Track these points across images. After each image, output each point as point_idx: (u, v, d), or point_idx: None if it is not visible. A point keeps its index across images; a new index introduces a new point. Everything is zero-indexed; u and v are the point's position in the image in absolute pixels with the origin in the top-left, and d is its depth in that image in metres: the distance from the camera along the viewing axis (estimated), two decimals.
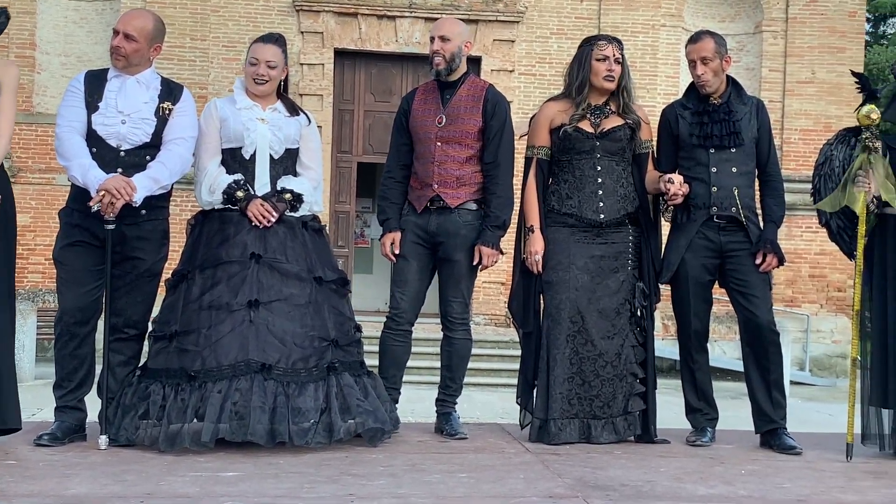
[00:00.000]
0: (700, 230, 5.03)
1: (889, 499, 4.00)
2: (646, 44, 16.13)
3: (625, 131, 4.99)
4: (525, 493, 3.82)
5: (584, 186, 4.99)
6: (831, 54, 16.02)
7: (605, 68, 4.94)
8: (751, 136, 5.06)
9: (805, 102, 16.25)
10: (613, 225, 4.99)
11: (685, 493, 3.92)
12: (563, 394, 4.90)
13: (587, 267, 4.97)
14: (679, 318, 5.20)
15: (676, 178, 4.89)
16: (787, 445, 4.94)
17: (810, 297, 16.62)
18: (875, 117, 4.80)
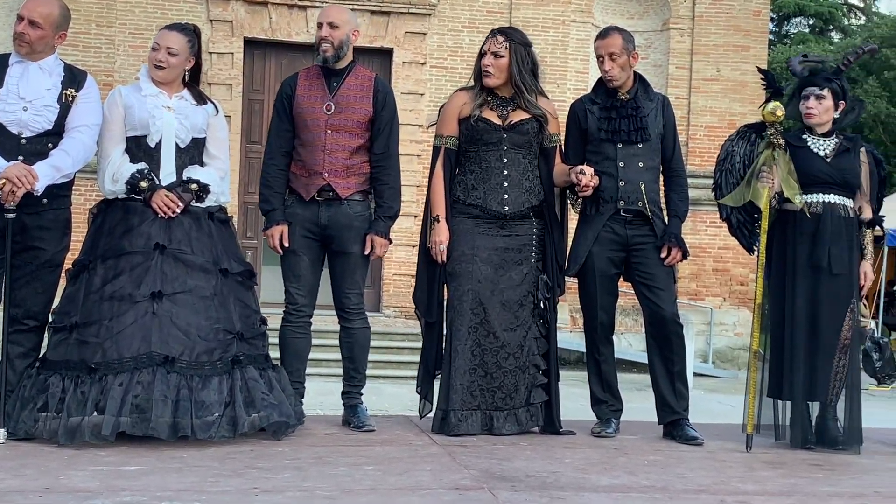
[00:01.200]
0: (607, 224, 5.09)
1: (787, 488, 4.10)
2: (556, 39, 16.23)
3: (532, 125, 5.02)
4: (431, 485, 3.83)
5: (489, 178, 5.01)
6: (736, 52, 16.30)
7: (482, 63, 4.96)
8: (657, 132, 5.14)
9: (710, 99, 16.52)
10: (518, 217, 5.01)
11: (589, 484, 3.97)
12: (464, 385, 4.91)
13: (491, 259, 4.99)
14: (585, 311, 5.25)
15: (588, 169, 4.94)
16: (688, 436, 5.03)
17: (714, 290, 16.93)
18: (780, 114, 4.91)
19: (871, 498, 3.98)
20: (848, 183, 4.99)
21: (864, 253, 5.07)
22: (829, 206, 4.97)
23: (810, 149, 5.04)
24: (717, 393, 13.41)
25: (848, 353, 4.96)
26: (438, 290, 5.05)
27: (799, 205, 4.94)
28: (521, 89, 5.00)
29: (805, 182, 4.96)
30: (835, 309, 4.93)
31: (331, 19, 5.00)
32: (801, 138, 5.09)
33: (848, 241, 4.97)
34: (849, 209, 5.01)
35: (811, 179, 4.97)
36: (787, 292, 4.97)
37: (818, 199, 4.98)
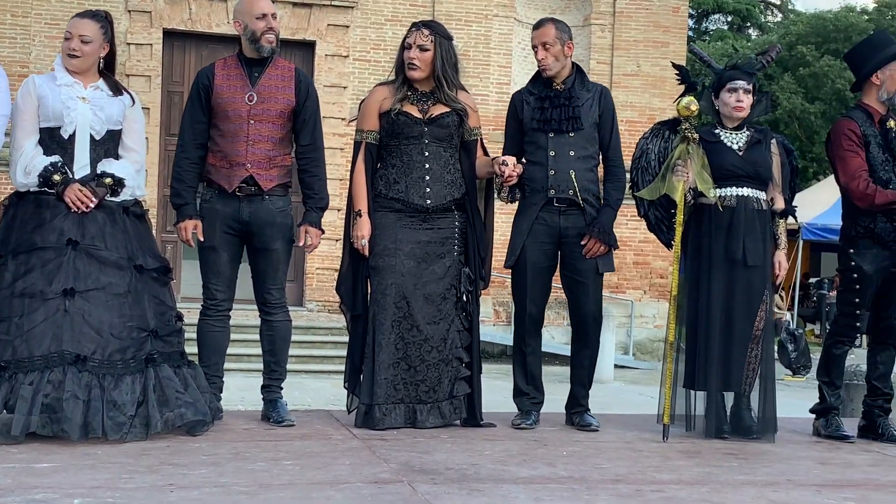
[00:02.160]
0: (540, 214, 5.13)
1: (702, 477, 4.16)
2: (479, 33, 16.28)
3: (453, 118, 5.03)
4: (350, 478, 3.82)
5: (411, 171, 5.00)
6: (656, 48, 16.51)
7: (408, 57, 4.96)
8: (591, 122, 5.18)
9: (631, 94, 16.71)
10: (440, 210, 5.02)
11: (508, 476, 3.99)
12: (387, 379, 4.90)
13: (413, 252, 4.99)
14: (516, 303, 5.29)
15: (510, 159, 4.97)
16: (586, 422, 5.18)
17: (634, 283, 17.16)
18: (694, 108, 4.99)
19: (783, 486, 4.05)
20: (760, 175, 5.08)
21: (778, 243, 5.17)
22: (742, 198, 5.05)
23: (723, 143, 5.12)
24: (637, 384, 13.59)
25: (761, 343, 5.05)
26: (363, 284, 5.03)
27: (712, 199, 5.01)
28: (442, 83, 5.01)
29: (719, 176, 5.04)
30: (749, 300, 5.02)
31: (273, 10, 4.99)
32: (714, 133, 5.17)
33: (762, 233, 5.06)
34: (762, 201, 5.10)
35: (724, 173, 5.05)
36: (702, 284, 5.05)
37: (732, 192, 5.06)
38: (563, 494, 3.70)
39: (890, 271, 5.17)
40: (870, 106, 5.24)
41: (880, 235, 5.11)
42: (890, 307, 5.26)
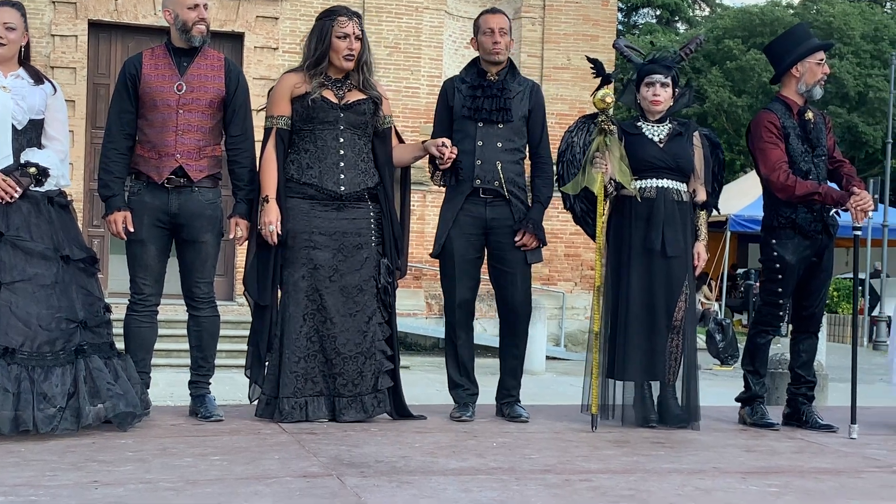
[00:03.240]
0: (466, 205, 5.14)
1: (629, 466, 4.21)
2: (410, 26, 16.24)
3: (368, 105, 5.01)
4: (279, 473, 3.79)
5: (325, 157, 4.96)
6: (585, 42, 16.59)
7: (345, 46, 4.92)
8: (520, 115, 5.21)
9: (561, 88, 16.80)
10: (354, 199, 4.97)
11: (437, 468, 3.99)
12: (298, 373, 4.86)
13: (329, 243, 4.93)
14: (445, 293, 5.29)
15: (448, 141, 4.98)
16: (516, 414, 5.21)
17: (566, 275, 17.28)
18: (609, 101, 5.04)
19: (709, 473, 4.11)
20: (680, 167, 5.14)
21: (699, 234, 5.23)
22: (662, 190, 5.11)
23: (645, 135, 5.18)
24: (568, 375, 13.65)
25: (682, 332, 5.12)
26: (273, 273, 4.95)
27: (632, 190, 5.06)
28: (364, 70, 4.99)
29: (639, 167, 5.10)
30: (669, 290, 5.08)
31: (206, 0, 4.91)
32: (636, 126, 5.23)
33: (682, 224, 5.12)
34: (682, 193, 5.16)
35: (645, 165, 5.11)
36: (622, 275, 5.11)
37: (652, 183, 5.12)
38: (492, 485, 3.71)
39: (811, 261, 5.28)
40: (789, 98, 5.32)
41: (801, 226, 5.21)
42: (811, 296, 5.36)
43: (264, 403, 4.93)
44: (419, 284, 15.99)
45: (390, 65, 15.80)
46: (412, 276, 15.72)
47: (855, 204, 5.07)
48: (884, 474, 4.22)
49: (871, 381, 12.66)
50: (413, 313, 15.96)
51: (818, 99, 5.41)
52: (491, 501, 3.46)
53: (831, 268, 5.41)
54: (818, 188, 5.13)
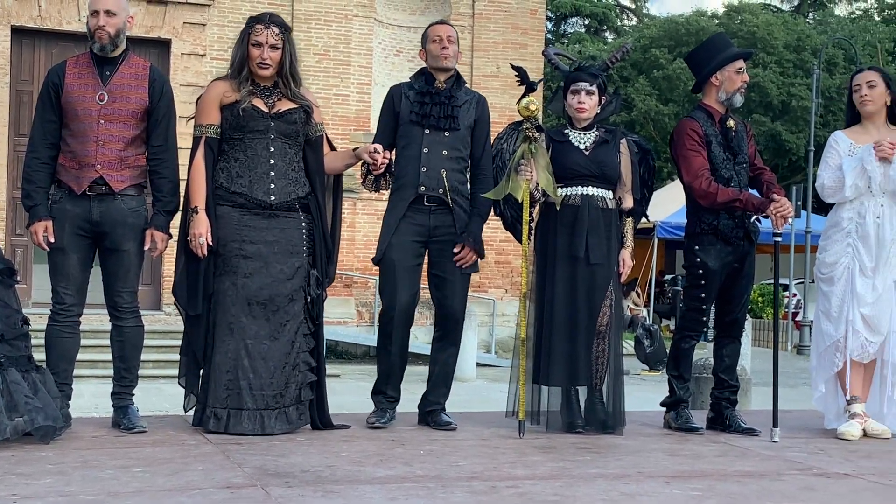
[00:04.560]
0: (409, 213, 5.13)
1: (556, 471, 4.23)
2: (339, 33, 16.20)
3: (299, 114, 4.98)
4: (202, 484, 3.74)
5: (255, 166, 4.92)
6: (514, 50, 16.71)
7: (258, 55, 4.89)
8: (466, 125, 5.22)
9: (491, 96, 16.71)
10: (284, 208, 4.95)
11: (364, 476, 3.97)
12: (226, 384, 4.82)
13: (260, 253, 4.89)
14: (383, 300, 5.27)
15: (379, 146, 4.96)
16: (443, 422, 5.20)
17: (496, 282, 17.34)
18: (533, 108, 5.07)
19: (634, 478, 4.14)
20: (605, 175, 5.18)
21: (624, 241, 5.28)
22: (586, 197, 5.15)
23: (571, 142, 5.22)
24: (499, 382, 13.70)
25: (607, 338, 5.16)
26: (203, 283, 4.90)
27: (555, 197, 5.10)
28: (289, 81, 4.96)
29: (564, 175, 5.13)
30: (592, 297, 5.11)
31: (108, 6, 4.83)
32: (563, 133, 5.27)
33: (606, 231, 5.16)
34: (607, 200, 5.20)
35: (570, 172, 5.15)
36: (547, 282, 5.15)
37: (576, 191, 5.16)
38: (418, 493, 3.71)
39: (733, 267, 5.35)
40: (710, 106, 5.40)
41: (723, 232, 5.28)
42: (734, 302, 5.44)
43: (199, 414, 4.87)
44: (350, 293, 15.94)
45: (319, 72, 15.75)
46: (343, 284, 15.66)
47: (775, 210, 5.16)
48: (804, 477, 4.29)
49: (794, 384, 12.91)
50: (344, 321, 15.91)
51: (739, 107, 5.50)
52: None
53: (753, 273, 5.49)
54: (739, 195, 5.21)
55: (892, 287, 5.30)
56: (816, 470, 4.43)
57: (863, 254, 5.29)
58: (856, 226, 5.33)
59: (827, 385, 5.48)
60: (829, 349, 5.38)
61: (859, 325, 5.27)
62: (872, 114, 5.43)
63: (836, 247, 5.38)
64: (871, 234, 5.29)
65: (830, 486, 4.09)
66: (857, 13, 42.01)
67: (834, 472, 4.37)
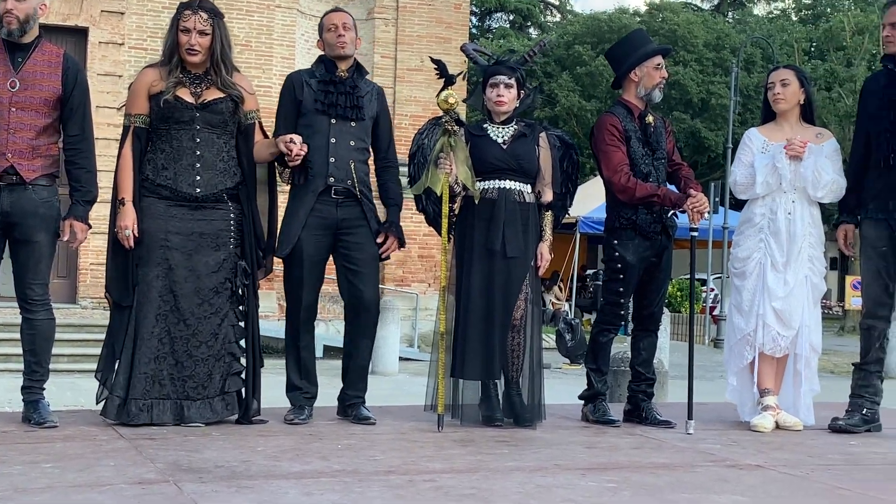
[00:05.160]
0: (316, 206, 5.07)
1: (473, 465, 4.23)
2: (261, 24, 16.04)
3: (227, 104, 4.92)
4: (113, 480, 3.68)
5: (181, 158, 4.86)
6: (438, 44, 16.70)
7: (186, 41, 4.83)
8: (370, 115, 5.19)
9: (415, 89, 16.86)
10: (211, 200, 4.89)
11: (280, 471, 3.94)
12: (148, 374, 4.76)
13: (185, 244, 4.85)
14: (289, 296, 5.23)
15: (297, 138, 4.91)
16: (363, 416, 5.17)
17: (419, 276, 17.33)
18: (453, 102, 5.06)
19: (550, 470, 4.16)
20: (523, 168, 5.19)
21: (543, 235, 5.30)
22: (504, 191, 5.16)
23: (489, 136, 5.23)
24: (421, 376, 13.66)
25: (524, 331, 5.17)
26: (132, 273, 4.85)
27: (474, 191, 5.10)
28: (220, 68, 4.90)
29: (482, 169, 5.13)
30: (508, 290, 5.12)
31: None
32: (482, 127, 5.27)
33: (523, 225, 5.17)
34: (525, 194, 5.21)
35: (488, 166, 5.15)
36: (464, 275, 5.15)
37: (494, 185, 5.16)
38: (334, 488, 3.68)
39: (651, 261, 5.41)
40: (630, 102, 5.45)
41: (642, 227, 5.33)
42: (651, 296, 5.49)
43: (115, 406, 4.79)
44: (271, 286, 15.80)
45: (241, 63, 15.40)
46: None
47: (691, 206, 5.23)
48: (717, 468, 4.35)
49: (711, 377, 13.11)
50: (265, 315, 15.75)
51: (658, 102, 5.55)
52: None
53: (670, 268, 5.56)
54: (657, 190, 5.27)
55: (804, 282, 5.41)
56: (729, 461, 4.50)
57: (774, 249, 5.39)
58: (768, 222, 5.42)
59: (740, 378, 5.57)
60: (740, 342, 5.47)
61: (771, 319, 5.37)
62: (786, 112, 5.52)
63: (748, 242, 5.47)
64: (783, 229, 5.38)
65: (742, 478, 4.15)
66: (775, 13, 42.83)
67: (746, 464, 4.44)
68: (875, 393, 5.43)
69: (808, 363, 5.49)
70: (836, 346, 20.26)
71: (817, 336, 5.50)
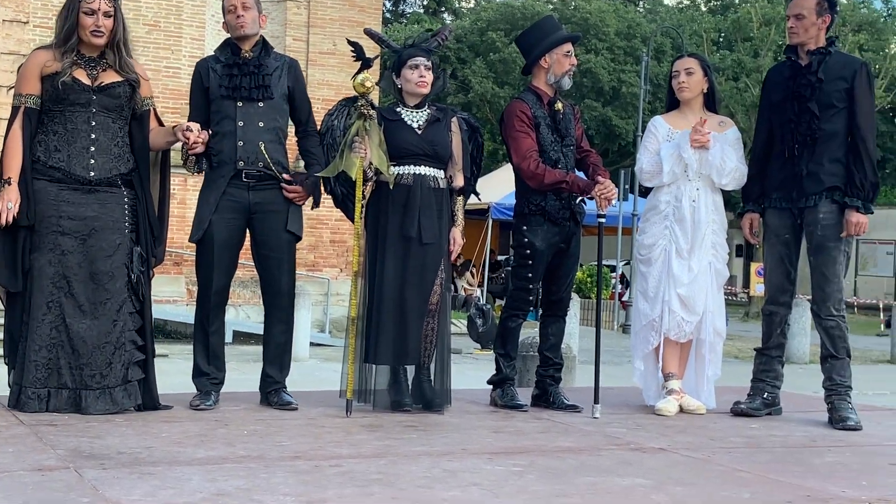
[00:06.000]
0: (228, 189, 5.02)
1: (381, 450, 4.22)
2: (170, 4, 15.80)
3: (124, 88, 4.82)
4: (12, 467, 3.58)
5: (75, 141, 4.75)
6: (351, 27, 16.61)
7: (92, 23, 4.73)
8: (280, 93, 5.12)
9: (327, 73, 16.78)
10: (105, 184, 4.79)
11: (183, 458, 3.88)
12: (40, 362, 4.64)
13: (78, 229, 4.73)
14: (200, 280, 5.16)
15: (194, 125, 4.83)
16: (284, 401, 5.13)
17: (331, 261, 17.28)
18: (369, 85, 5.03)
19: (458, 455, 4.18)
20: (438, 154, 5.19)
21: (455, 220, 5.31)
22: (419, 177, 5.15)
23: (403, 121, 5.20)
24: (332, 362, 13.65)
25: (438, 317, 5.18)
26: (22, 258, 4.71)
27: (388, 176, 5.08)
28: (120, 50, 4.80)
29: (397, 154, 5.12)
30: (424, 276, 5.12)
31: None
32: (395, 111, 5.24)
33: (438, 211, 5.17)
34: (439, 180, 5.21)
35: (402, 151, 5.13)
36: (377, 260, 5.13)
37: (409, 170, 5.15)
38: (239, 474, 3.64)
39: (559, 247, 5.45)
40: (539, 88, 5.48)
41: (550, 213, 5.37)
42: (559, 281, 5.54)
43: (16, 395, 4.68)
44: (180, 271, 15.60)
45: (150, 43, 15.33)
46: (173, 262, 15.30)
47: (599, 192, 5.28)
48: (622, 452, 4.41)
49: (619, 362, 13.28)
50: (173, 300, 15.57)
51: (569, 90, 5.59)
52: (236, 490, 3.39)
53: (578, 254, 5.61)
54: (566, 177, 5.31)
55: (707, 268, 5.50)
56: (633, 445, 4.56)
57: (679, 236, 5.47)
58: (673, 209, 5.50)
59: (646, 363, 5.66)
60: (645, 328, 5.55)
61: (675, 305, 5.45)
62: (690, 100, 5.60)
63: (654, 229, 5.55)
64: (688, 217, 5.47)
65: (645, 461, 4.21)
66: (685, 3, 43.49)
67: (650, 447, 4.51)
68: (776, 377, 5.56)
69: (713, 348, 5.59)
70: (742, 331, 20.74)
71: (721, 321, 5.60)
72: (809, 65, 5.33)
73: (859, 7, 37.55)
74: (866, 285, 31.98)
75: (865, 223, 5.25)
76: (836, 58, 5.36)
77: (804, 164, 5.29)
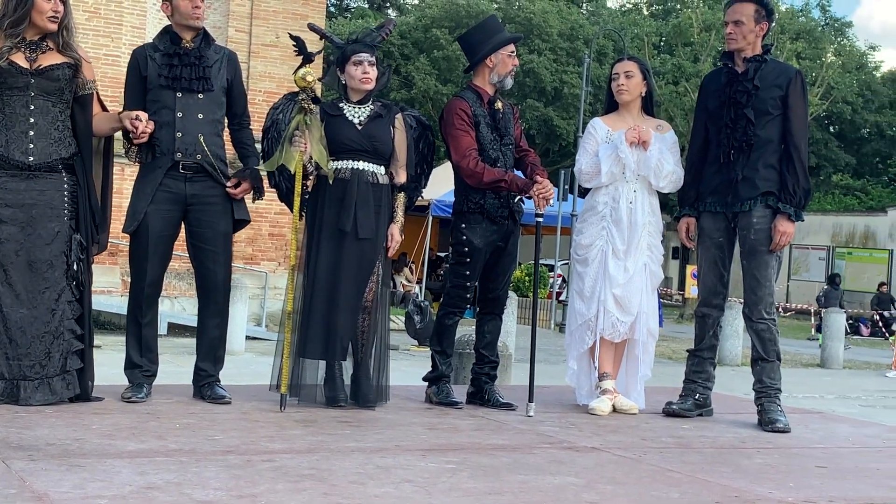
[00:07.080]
0: (165, 181, 4.97)
1: (314, 445, 4.22)
2: None
3: (64, 70, 4.75)
4: None
5: (13, 125, 4.68)
6: (295, 20, 16.54)
7: (50, 8, 4.67)
8: (220, 85, 5.09)
9: (269, 65, 16.67)
10: (45, 169, 4.73)
11: (114, 450, 3.84)
12: None
13: (16, 216, 4.66)
14: (134, 271, 5.11)
15: (143, 114, 4.78)
16: (218, 395, 5.11)
17: (269, 255, 17.18)
18: (311, 79, 5.01)
19: (391, 451, 4.18)
20: (377, 150, 5.18)
21: (395, 216, 5.30)
22: (357, 172, 5.14)
23: (345, 116, 5.19)
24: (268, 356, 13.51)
25: (373, 313, 5.18)
26: None
27: (327, 171, 5.07)
28: (67, 31, 4.74)
29: (337, 149, 5.10)
30: (359, 272, 5.12)
31: None
32: (338, 107, 5.22)
33: (376, 206, 5.16)
34: (378, 175, 5.20)
35: (342, 147, 5.12)
36: (312, 255, 5.12)
37: (347, 165, 5.14)
38: (170, 468, 3.61)
39: (497, 245, 5.47)
40: (480, 87, 5.50)
41: (489, 211, 5.39)
42: (497, 280, 5.56)
43: None
44: (115, 261, 15.41)
45: (89, 30, 15.12)
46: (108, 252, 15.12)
47: (537, 192, 5.32)
48: (554, 450, 4.44)
49: (556, 361, 13.39)
50: (108, 291, 15.37)
51: (511, 89, 5.60)
52: (166, 484, 3.37)
53: (516, 252, 5.64)
54: (504, 175, 5.33)
55: (643, 269, 5.56)
56: (566, 443, 4.60)
57: (616, 237, 5.52)
58: (610, 210, 5.55)
59: (580, 362, 5.70)
60: (581, 327, 5.59)
61: (611, 306, 5.50)
62: (628, 102, 5.66)
63: (591, 229, 5.60)
64: (624, 218, 5.52)
65: (578, 459, 4.25)
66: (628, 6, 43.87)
67: (583, 446, 4.55)
68: (708, 378, 5.63)
69: (646, 348, 5.65)
70: (676, 332, 20.97)
71: (654, 322, 5.66)
72: (746, 72, 5.40)
73: (798, 15, 38.19)
74: (798, 290, 32.51)
75: (792, 233, 5.34)
76: (772, 65, 5.44)
77: (739, 169, 5.36)
